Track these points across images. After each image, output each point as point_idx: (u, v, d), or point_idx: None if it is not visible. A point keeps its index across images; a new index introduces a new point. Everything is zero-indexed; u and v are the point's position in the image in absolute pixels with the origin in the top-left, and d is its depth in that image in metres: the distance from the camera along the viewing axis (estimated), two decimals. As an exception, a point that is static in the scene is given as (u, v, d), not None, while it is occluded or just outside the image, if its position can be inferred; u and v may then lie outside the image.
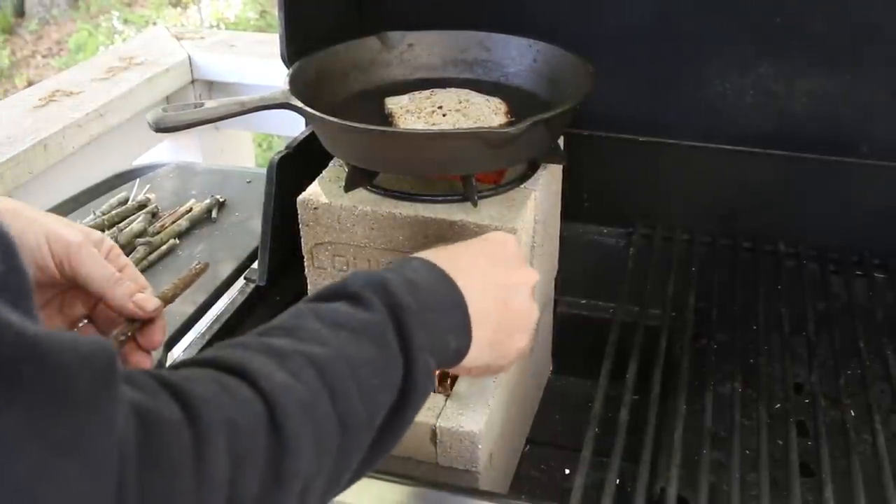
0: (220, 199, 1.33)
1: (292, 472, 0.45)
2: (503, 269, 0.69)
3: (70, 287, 0.68)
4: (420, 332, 0.56)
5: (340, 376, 0.50)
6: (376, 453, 0.55)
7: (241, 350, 0.49)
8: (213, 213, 1.31)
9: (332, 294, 0.58)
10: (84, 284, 0.66)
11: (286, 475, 0.45)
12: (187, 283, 0.78)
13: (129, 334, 0.68)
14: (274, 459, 0.45)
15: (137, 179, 1.39)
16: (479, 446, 0.87)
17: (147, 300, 0.67)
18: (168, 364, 0.49)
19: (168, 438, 0.41)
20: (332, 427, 0.49)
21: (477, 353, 0.63)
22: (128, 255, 1.16)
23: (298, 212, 0.99)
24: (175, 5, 5.69)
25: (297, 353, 0.50)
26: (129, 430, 0.39)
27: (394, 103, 1.04)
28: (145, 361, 0.69)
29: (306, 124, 1.15)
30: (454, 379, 0.93)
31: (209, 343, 1.05)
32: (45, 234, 0.64)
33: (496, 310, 0.66)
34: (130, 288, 0.67)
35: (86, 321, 0.71)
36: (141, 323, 0.68)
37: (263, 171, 1.09)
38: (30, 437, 0.35)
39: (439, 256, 0.64)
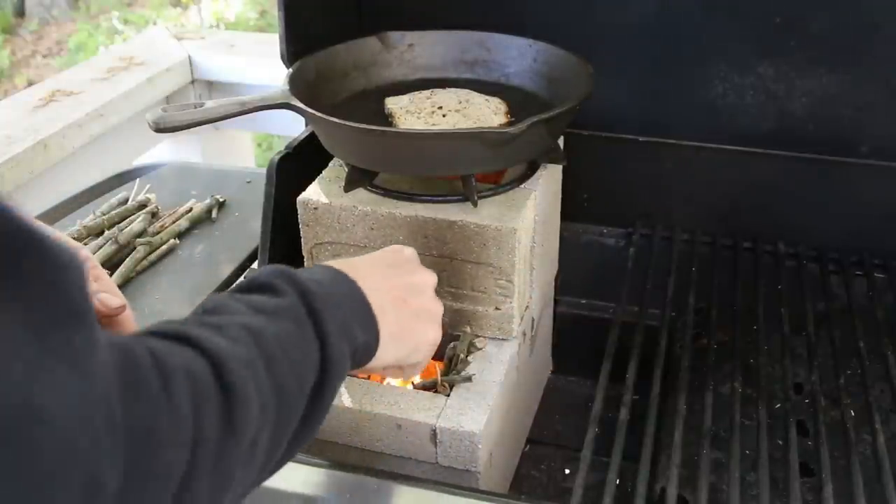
0: (220, 199, 1.33)
1: (243, 421, 0.47)
2: (400, 272, 0.72)
3: None
4: (329, 315, 0.58)
5: (272, 346, 0.53)
6: (305, 431, 0.56)
7: (176, 324, 0.51)
8: (213, 213, 1.31)
9: (243, 288, 0.60)
10: None
11: (238, 423, 0.47)
12: None
13: None
14: (226, 410, 0.47)
15: (137, 179, 1.38)
16: (479, 446, 0.87)
17: (111, 298, 0.70)
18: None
19: (142, 371, 0.42)
20: (269, 389, 0.51)
21: (384, 349, 0.65)
22: (128, 255, 1.16)
23: (298, 212, 0.99)
24: (175, 5, 5.68)
25: (232, 324, 0.52)
26: (108, 354, 0.40)
27: (394, 103, 1.04)
28: None
29: (306, 124, 1.15)
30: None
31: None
32: None
33: (396, 306, 0.68)
34: (91, 287, 0.69)
35: None
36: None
37: (263, 171, 1.09)
38: (28, 336, 0.35)
39: (335, 263, 0.67)
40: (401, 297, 0.69)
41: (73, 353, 0.37)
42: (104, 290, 0.71)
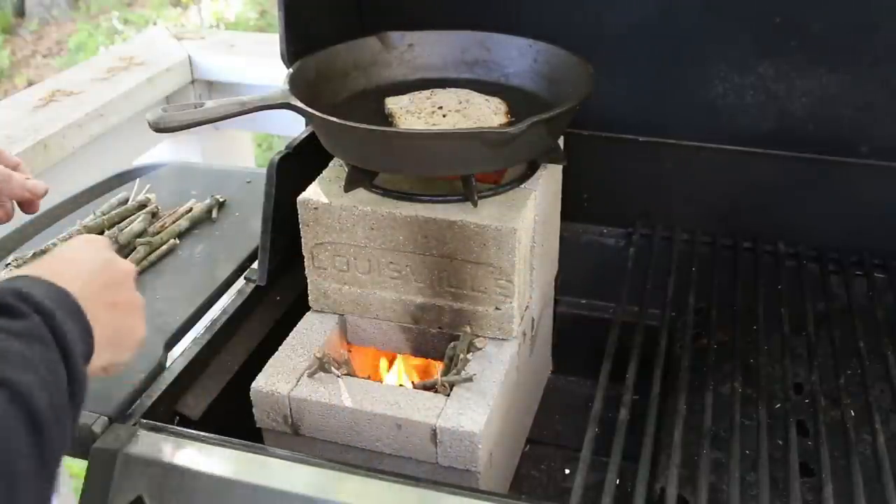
0: (220, 199, 1.33)
1: (51, 448, 0.48)
2: (101, 269, 0.69)
3: None
4: (69, 333, 0.58)
5: (42, 370, 0.52)
6: (52, 461, 0.54)
7: None
8: (213, 213, 1.31)
9: None
10: None
11: (48, 452, 0.48)
12: None
13: None
14: (37, 442, 0.47)
15: (137, 179, 1.38)
16: (479, 446, 0.87)
17: (38, 184, 0.85)
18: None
19: None
20: (22, 429, 0.50)
21: (97, 355, 0.64)
22: (128, 255, 1.16)
23: (298, 212, 0.99)
24: (175, 5, 5.68)
25: (10, 350, 0.51)
26: None
27: (394, 103, 1.04)
28: None
29: (306, 124, 1.15)
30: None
31: (209, 343, 1.05)
32: None
33: (106, 310, 0.67)
34: (20, 179, 0.85)
35: None
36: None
37: (263, 171, 1.09)
38: None
39: (41, 272, 0.63)
40: (109, 300, 0.68)
41: None
42: (26, 178, 0.85)
